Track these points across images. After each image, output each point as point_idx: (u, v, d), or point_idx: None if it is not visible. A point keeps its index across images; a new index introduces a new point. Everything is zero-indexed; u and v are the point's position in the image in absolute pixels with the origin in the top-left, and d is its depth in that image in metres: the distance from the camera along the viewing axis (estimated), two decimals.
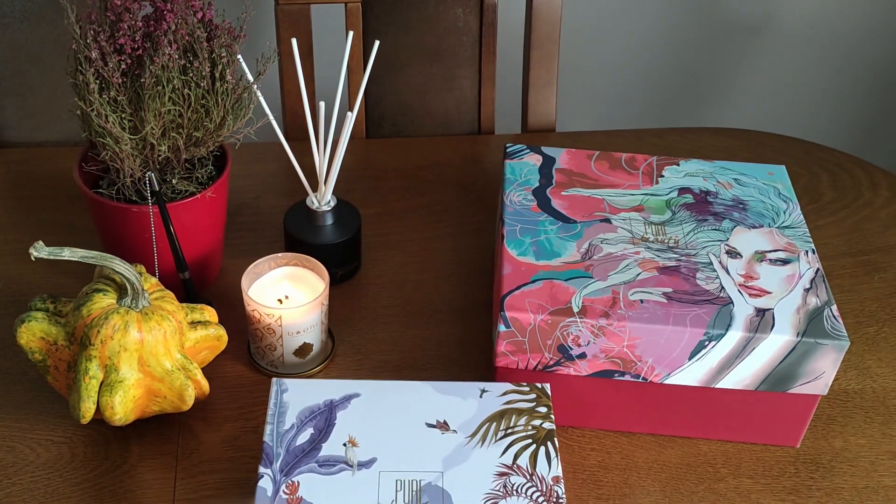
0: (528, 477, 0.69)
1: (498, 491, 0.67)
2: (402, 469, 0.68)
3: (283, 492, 0.66)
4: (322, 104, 0.89)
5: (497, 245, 0.85)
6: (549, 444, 0.71)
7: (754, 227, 0.87)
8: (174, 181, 0.87)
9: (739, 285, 0.80)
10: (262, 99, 0.91)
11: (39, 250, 0.72)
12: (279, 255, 0.88)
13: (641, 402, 0.81)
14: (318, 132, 0.93)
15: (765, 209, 0.89)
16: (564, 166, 0.91)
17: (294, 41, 0.93)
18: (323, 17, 1.28)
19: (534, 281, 0.78)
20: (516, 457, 0.70)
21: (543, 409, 0.74)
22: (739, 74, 1.71)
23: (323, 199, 0.96)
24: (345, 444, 0.70)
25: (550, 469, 0.69)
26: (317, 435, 0.70)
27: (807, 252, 0.84)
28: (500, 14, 1.25)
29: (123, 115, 0.82)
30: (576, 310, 0.76)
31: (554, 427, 0.72)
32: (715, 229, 0.86)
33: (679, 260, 0.82)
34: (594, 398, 0.81)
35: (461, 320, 0.94)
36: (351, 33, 0.96)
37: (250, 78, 0.87)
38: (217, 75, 0.84)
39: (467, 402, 0.74)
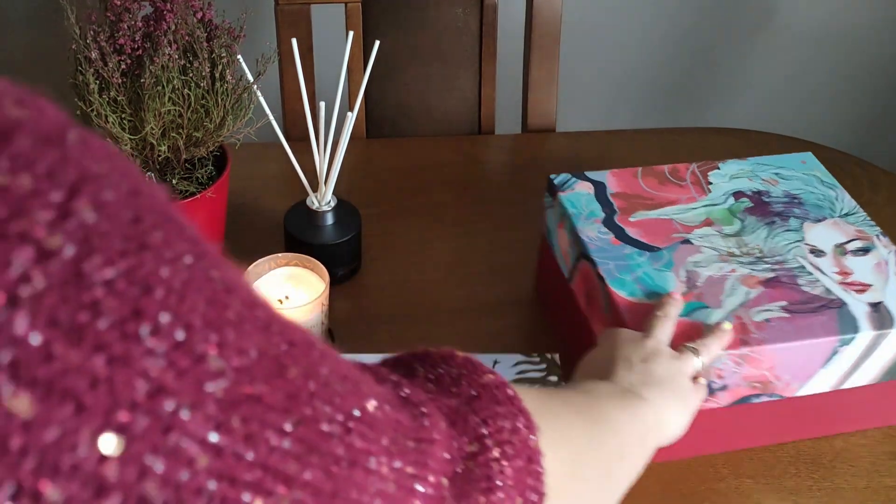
0: None
1: None
2: None
3: None
4: (322, 104, 0.89)
5: (590, 286, 0.82)
6: None
7: (819, 220, 0.87)
8: (174, 181, 0.87)
9: (840, 283, 0.80)
10: (262, 99, 0.91)
11: None
12: (279, 255, 0.88)
13: (773, 417, 0.80)
14: (319, 132, 0.93)
15: (818, 200, 0.89)
16: (618, 190, 0.89)
17: (294, 41, 0.93)
18: (323, 18, 1.28)
19: None
20: None
21: (554, 378, 0.78)
22: (739, 74, 1.71)
23: (323, 200, 0.96)
24: None
25: None
26: None
27: (877, 236, 0.85)
28: (500, 14, 1.25)
29: (123, 116, 0.82)
30: None
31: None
32: (787, 230, 0.85)
33: (774, 269, 0.81)
34: (728, 425, 0.80)
35: (461, 320, 0.94)
36: (351, 33, 0.96)
37: (250, 78, 0.87)
38: (217, 75, 0.84)
39: None
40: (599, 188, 0.89)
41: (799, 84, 1.74)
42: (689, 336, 0.74)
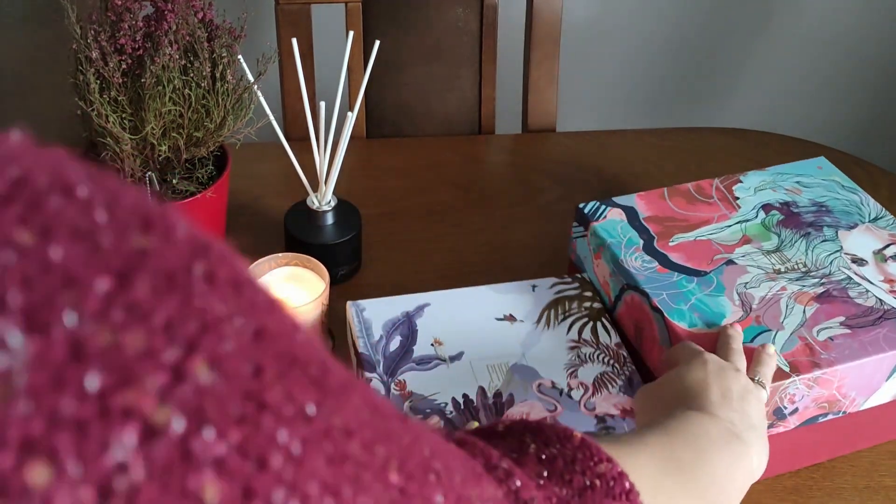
0: (595, 346, 0.81)
1: (574, 361, 0.79)
2: (488, 356, 0.79)
3: (394, 390, 0.76)
4: (322, 104, 0.89)
5: (640, 317, 0.80)
6: (602, 319, 0.84)
7: (851, 227, 0.87)
8: (174, 181, 0.87)
9: (890, 292, 0.80)
10: (262, 99, 0.91)
11: None
12: (279, 255, 0.88)
13: (833, 433, 0.80)
14: (319, 132, 0.93)
15: (845, 206, 0.89)
16: (649, 213, 0.88)
17: (294, 41, 0.93)
18: (323, 17, 1.28)
19: None
20: (580, 332, 0.82)
21: (589, 293, 0.86)
22: (739, 74, 1.71)
23: (323, 199, 0.96)
24: (432, 345, 0.80)
25: (611, 338, 0.82)
26: (405, 341, 0.80)
27: None
28: (501, 14, 1.25)
29: (124, 115, 0.82)
30: (787, 369, 0.73)
31: (602, 306, 0.84)
32: (823, 240, 0.85)
33: (823, 284, 0.81)
34: (793, 447, 0.79)
35: None
36: (351, 33, 0.96)
37: (251, 78, 0.87)
38: (217, 75, 0.84)
39: (524, 297, 0.85)
40: (631, 213, 0.88)
41: (798, 84, 1.75)
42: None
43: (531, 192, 1.13)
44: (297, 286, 0.87)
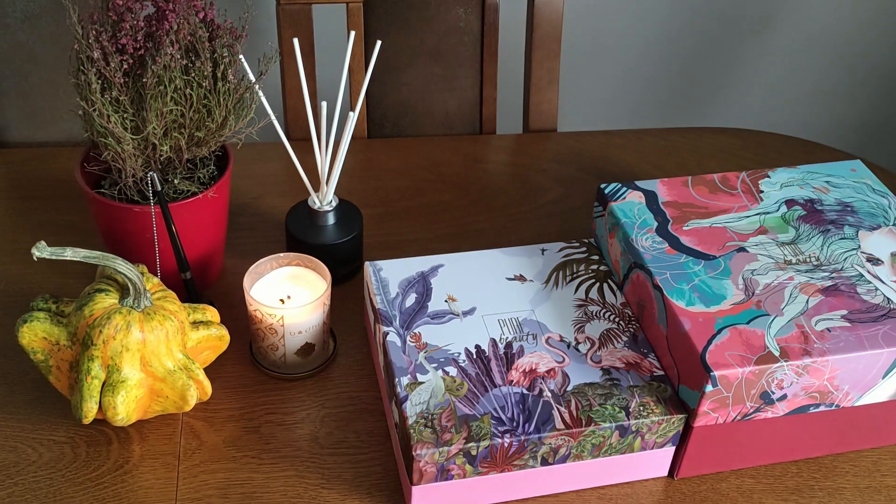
0: (602, 305, 0.85)
1: (581, 317, 0.83)
2: (499, 312, 0.83)
3: (409, 341, 0.80)
4: (324, 104, 0.89)
5: (643, 295, 0.82)
6: (608, 280, 0.87)
7: (874, 228, 0.87)
8: (176, 181, 0.87)
9: None
10: (263, 99, 0.91)
11: (41, 250, 0.72)
12: (281, 255, 0.88)
13: (830, 428, 0.80)
14: (320, 132, 0.93)
15: (871, 208, 0.89)
16: (669, 199, 0.89)
17: (296, 41, 0.93)
18: (324, 18, 1.28)
19: (719, 331, 0.76)
20: (587, 292, 0.86)
21: (596, 257, 0.90)
22: (739, 74, 1.72)
23: (325, 199, 0.96)
24: (446, 301, 0.84)
25: (617, 298, 0.86)
26: (420, 298, 0.84)
27: None
28: (502, 14, 1.25)
29: (125, 115, 0.82)
30: (777, 353, 0.74)
31: (608, 269, 0.89)
32: (842, 238, 0.86)
33: (832, 278, 0.81)
34: (784, 435, 0.80)
35: None
36: (352, 33, 0.96)
37: (252, 78, 0.87)
38: (219, 75, 0.84)
39: (533, 259, 0.89)
40: (650, 197, 0.90)
41: (799, 84, 1.75)
42: (751, 345, 0.74)
43: (532, 193, 1.13)
44: (298, 286, 0.87)
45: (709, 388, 0.72)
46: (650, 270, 0.81)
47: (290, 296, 0.86)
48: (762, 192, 0.91)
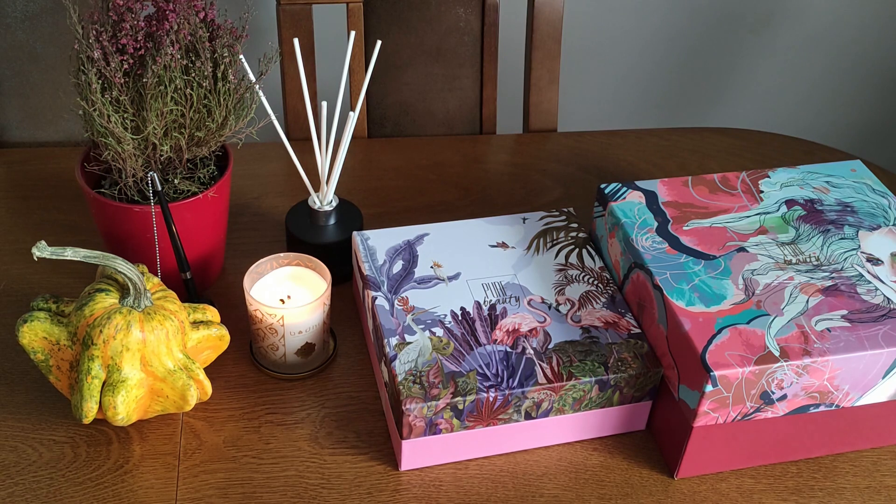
0: (581, 269, 0.88)
1: (562, 281, 0.87)
2: (483, 276, 0.87)
3: (397, 305, 0.83)
4: (324, 104, 0.89)
5: (643, 295, 0.83)
6: (587, 246, 0.91)
7: (873, 228, 0.87)
8: (176, 181, 0.87)
9: None
10: (263, 99, 0.91)
11: (42, 250, 0.72)
12: (281, 254, 0.88)
13: (829, 427, 0.80)
14: (320, 132, 0.93)
15: (871, 208, 0.90)
16: (669, 199, 0.90)
17: (296, 41, 0.93)
18: (325, 18, 1.28)
19: (719, 331, 0.75)
20: (567, 257, 0.89)
21: (575, 225, 0.93)
22: (739, 74, 1.72)
23: (325, 199, 0.96)
24: (432, 267, 0.87)
25: (595, 262, 0.89)
26: (407, 264, 0.87)
27: None
28: (502, 14, 1.25)
29: (126, 115, 0.82)
30: (777, 353, 0.73)
31: (587, 236, 0.92)
32: (842, 238, 0.86)
33: (832, 278, 0.81)
34: (784, 435, 0.80)
35: None
36: (353, 33, 0.96)
37: (252, 78, 0.87)
38: (219, 75, 0.84)
39: (515, 227, 0.93)
40: (650, 197, 0.90)
41: (799, 84, 1.75)
42: (751, 345, 0.74)
43: (532, 193, 1.13)
44: (298, 286, 0.87)
45: (709, 387, 0.72)
46: (650, 270, 0.81)
47: (290, 296, 0.86)
48: (762, 192, 0.91)
